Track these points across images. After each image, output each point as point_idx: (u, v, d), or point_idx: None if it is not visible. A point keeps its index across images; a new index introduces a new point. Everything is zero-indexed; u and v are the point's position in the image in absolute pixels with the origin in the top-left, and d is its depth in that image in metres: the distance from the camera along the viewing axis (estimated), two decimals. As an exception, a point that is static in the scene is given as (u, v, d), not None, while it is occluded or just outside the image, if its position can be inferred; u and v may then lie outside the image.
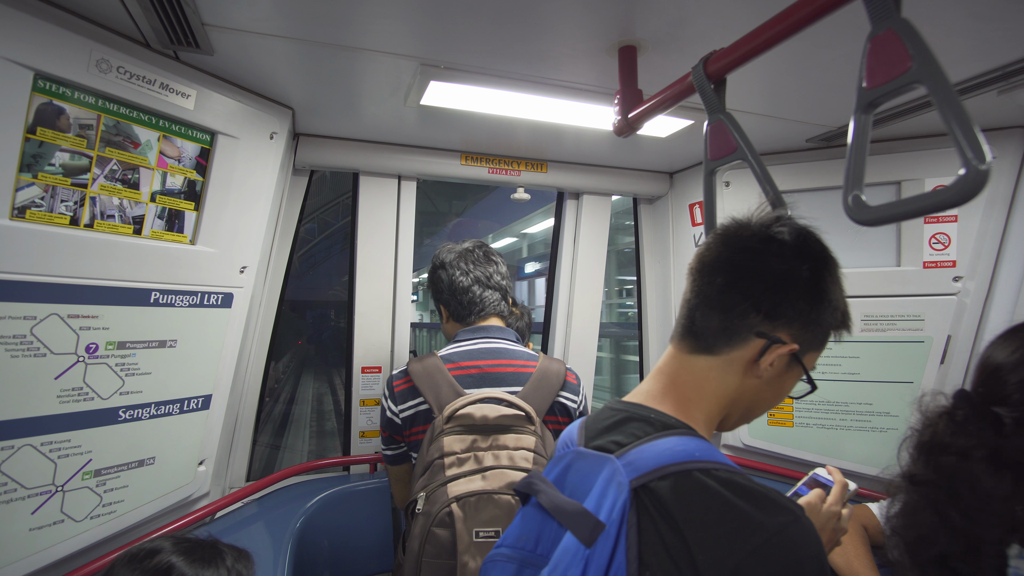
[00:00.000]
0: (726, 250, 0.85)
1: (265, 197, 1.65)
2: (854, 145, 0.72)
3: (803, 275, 0.81)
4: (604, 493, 0.74)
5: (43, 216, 1.18)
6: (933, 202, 0.64)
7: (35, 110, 1.14)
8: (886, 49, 0.70)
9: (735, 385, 0.84)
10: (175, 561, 0.95)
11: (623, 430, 0.82)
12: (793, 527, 0.66)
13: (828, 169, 1.98)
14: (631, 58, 1.30)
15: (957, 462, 1.00)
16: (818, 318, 0.82)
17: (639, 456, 0.74)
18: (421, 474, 1.42)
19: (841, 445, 1.98)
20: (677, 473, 0.70)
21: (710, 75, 1.01)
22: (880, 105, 0.73)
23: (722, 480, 0.69)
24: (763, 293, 0.80)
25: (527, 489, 0.88)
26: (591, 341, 2.52)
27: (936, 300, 1.85)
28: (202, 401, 1.57)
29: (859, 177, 0.71)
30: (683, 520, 0.66)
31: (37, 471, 1.22)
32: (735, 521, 0.65)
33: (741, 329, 0.81)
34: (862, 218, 0.70)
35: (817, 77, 1.44)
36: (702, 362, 0.85)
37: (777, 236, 0.83)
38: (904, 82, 0.68)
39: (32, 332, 1.17)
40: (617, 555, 0.68)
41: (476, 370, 1.54)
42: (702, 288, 0.85)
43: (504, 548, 0.86)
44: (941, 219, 1.83)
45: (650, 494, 0.70)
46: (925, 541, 1.02)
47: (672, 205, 2.47)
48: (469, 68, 1.42)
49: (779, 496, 0.69)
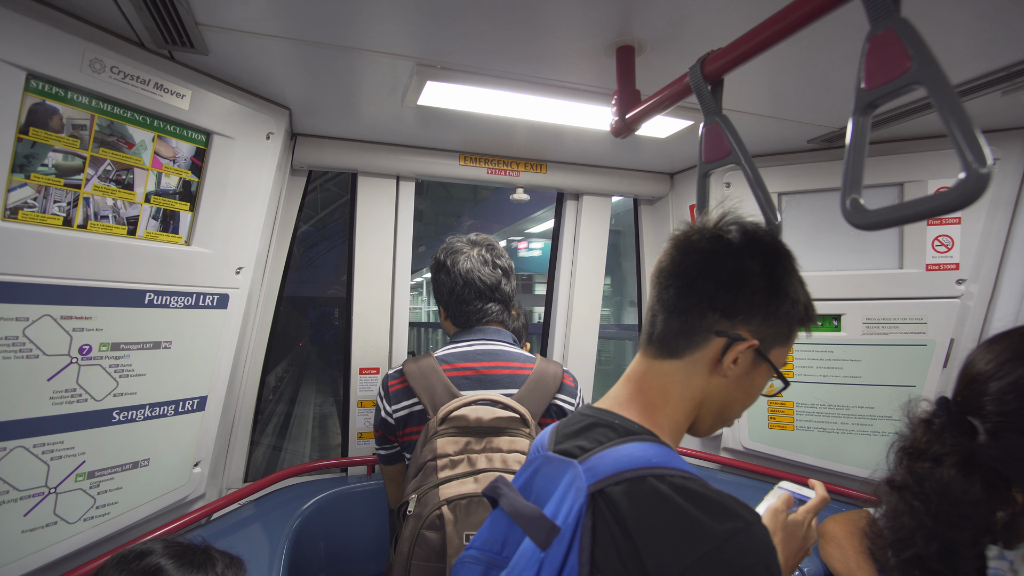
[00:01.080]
0: (679, 255, 0.86)
1: (262, 197, 1.64)
2: (852, 147, 0.71)
3: (755, 270, 0.82)
4: (563, 498, 0.75)
5: (36, 217, 1.18)
6: (933, 206, 0.63)
7: (27, 110, 1.13)
8: (885, 49, 0.68)
9: (700, 387, 0.85)
10: (164, 564, 0.94)
11: (588, 435, 0.83)
12: (743, 534, 0.66)
13: (830, 170, 1.97)
14: (629, 58, 1.29)
15: (930, 468, 1.02)
16: (776, 311, 0.83)
17: (599, 461, 0.76)
18: (414, 475, 1.41)
19: (842, 449, 1.97)
20: (633, 479, 0.71)
21: (707, 75, 1.00)
22: (879, 107, 0.72)
23: (675, 486, 0.70)
24: (717, 291, 0.82)
25: (492, 493, 0.90)
26: (591, 343, 2.51)
27: (939, 303, 1.83)
28: (197, 402, 1.56)
29: (857, 180, 0.70)
30: (635, 525, 0.67)
31: (30, 473, 1.21)
32: (684, 527, 0.66)
33: (700, 329, 0.83)
34: (860, 222, 0.69)
35: (818, 77, 1.43)
36: (667, 366, 0.86)
37: (725, 235, 0.84)
38: (903, 83, 0.67)
39: (24, 333, 1.17)
40: (570, 558, 0.69)
41: (472, 372, 1.53)
42: (660, 294, 0.87)
43: (473, 550, 0.89)
44: (944, 221, 1.81)
45: (606, 499, 0.71)
46: (904, 543, 1.06)
47: (673, 206, 2.45)
48: (466, 68, 1.41)
49: (733, 502, 0.70)
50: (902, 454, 1.11)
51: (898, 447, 1.13)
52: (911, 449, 1.08)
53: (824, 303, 1.83)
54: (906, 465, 1.09)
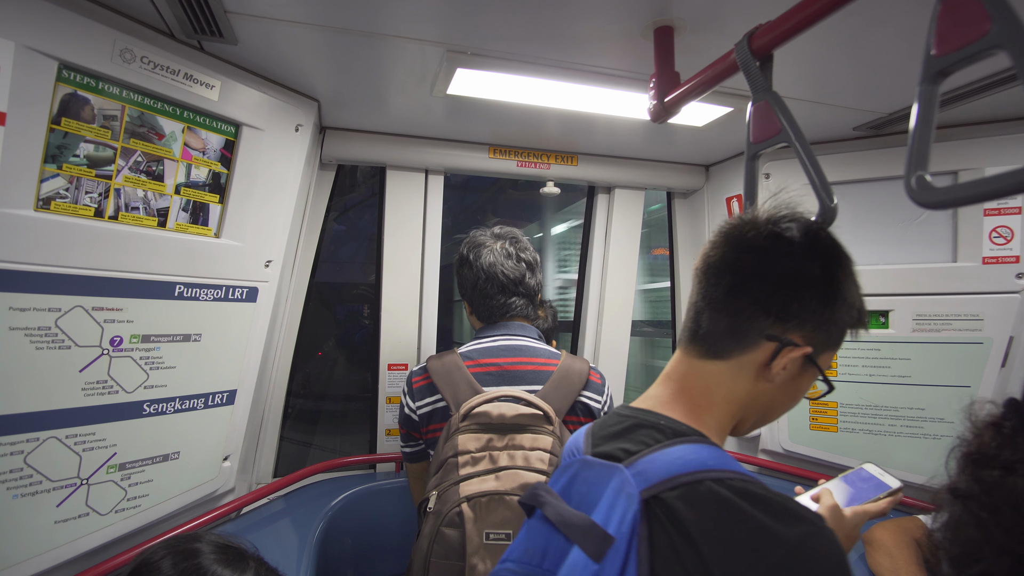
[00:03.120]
0: (731, 251, 0.81)
1: (291, 190, 1.63)
2: (920, 120, 0.66)
3: (814, 274, 0.77)
4: (613, 505, 0.71)
5: (68, 207, 1.18)
6: (1008, 184, 0.57)
7: (59, 100, 1.13)
8: (961, 9, 0.62)
9: (746, 390, 0.81)
10: (204, 549, 0.90)
11: (632, 437, 0.79)
12: (814, 538, 0.63)
13: (877, 159, 1.87)
14: (667, 39, 1.23)
15: (1001, 476, 0.96)
16: (832, 317, 0.78)
17: (649, 465, 0.72)
18: (435, 472, 1.39)
19: (890, 452, 1.87)
20: (689, 483, 0.68)
21: (755, 51, 0.94)
22: (950, 74, 0.66)
23: (737, 490, 0.66)
24: (772, 295, 0.77)
25: (532, 501, 0.85)
26: (623, 340, 2.45)
27: (997, 299, 1.72)
28: (227, 396, 1.56)
29: (924, 156, 0.65)
30: (698, 533, 0.64)
31: (62, 464, 1.21)
32: (753, 533, 0.63)
33: (750, 332, 0.78)
34: (928, 200, 0.63)
35: (868, 58, 1.35)
36: (711, 367, 0.82)
37: (785, 234, 0.78)
38: (981, 47, 0.61)
39: (57, 324, 1.17)
40: (628, 570, 0.66)
41: (495, 367, 1.50)
42: (707, 291, 0.82)
43: (509, 563, 0.84)
44: (1003, 211, 1.71)
45: (662, 505, 0.67)
46: (969, 557, 0.98)
47: (708, 199, 2.38)
48: (497, 54, 1.37)
49: (797, 506, 0.66)
50: (966, 460, 1.04)
51: (961, 452, 1.06)
52: (977, 455, 1.02)
53: (871, 299, 1.74)
54: (970, 472, 1.02)
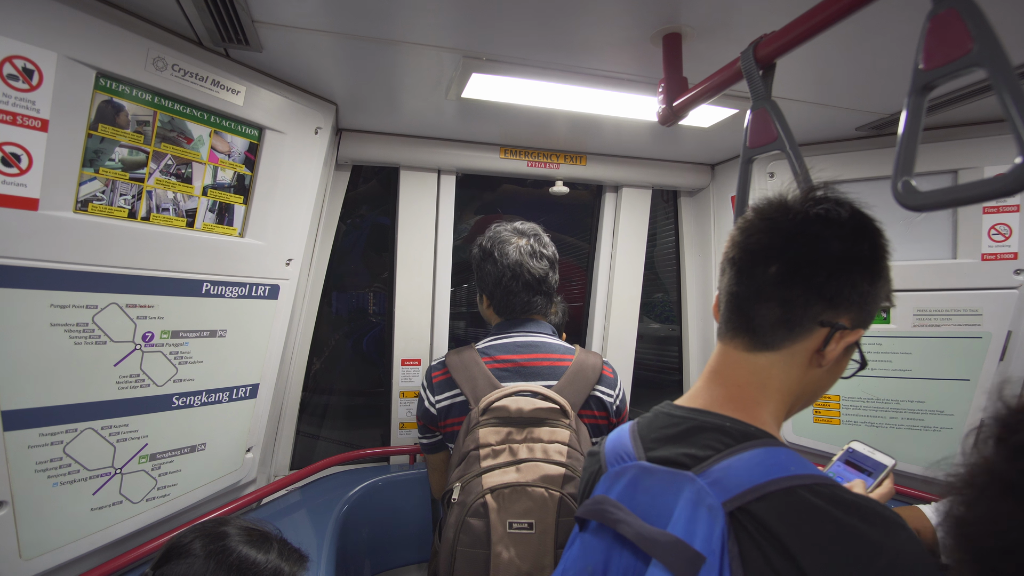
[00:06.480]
0: (778, 236, 0.77)
1: (310, 191, 1.68)
2: (907, 129, 0.71)
3: (865, 255, 0.76)
4: (693, 518, 0.67)
5: (104, 209, 1.24)
6: (987, 190, 0.62)
7: (97, 107, 1.19)
8: (946, 30, 0.67)
9: (798, 378, 0.79)
10: (231, 532, 0.95)
11: (695, 441, 0.76)
12: (911, 544, 0.62)
13: (879, 158, 1.92)
14: (676, 46, 1.28)
15: None
16: (875, 296, 0.78)
17: (726, 473, 0.68)
18: (457, 464, 1.44)
19: (891, 444, 1.92)
20: (778, 492, 0.64)
21: (759, 60, 0.99)
22: (936, 88, 0.71)
23: (829, 497, 0.63)
24: (827, 280, 0.74)
25: (599, 518, 0.79)
26: (630, 337, 2.50)
27: (996, 294, 1.77)
28: (250, 390, 1.62)
29: (910, 162, 0.70)
30: (795, 546, 0.60)
31: (98, 454, 1.27)
32: (853, 543, 0.60)
33: (804, 320, 0.76)
34: (911, 203, 0.68)
35: (869, 62, 1.39)
36: (762, 359, 0.79)
37: (834, 217, 0.75)
38: (963, 65, 0.66)
39: (94, 320, 1.23)
40: None
41: (512, 364, 1.55)
42: (753, 279, 0.78)
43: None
44: (1001, 209, 1.75)
45: (750, 518, 0.64)
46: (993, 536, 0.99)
47: (713, 197, 2.42)
48: (511, 60, 1.42)
49: (883, 508, 0.64)
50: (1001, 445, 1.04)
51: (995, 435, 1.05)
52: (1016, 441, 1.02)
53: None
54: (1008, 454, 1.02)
